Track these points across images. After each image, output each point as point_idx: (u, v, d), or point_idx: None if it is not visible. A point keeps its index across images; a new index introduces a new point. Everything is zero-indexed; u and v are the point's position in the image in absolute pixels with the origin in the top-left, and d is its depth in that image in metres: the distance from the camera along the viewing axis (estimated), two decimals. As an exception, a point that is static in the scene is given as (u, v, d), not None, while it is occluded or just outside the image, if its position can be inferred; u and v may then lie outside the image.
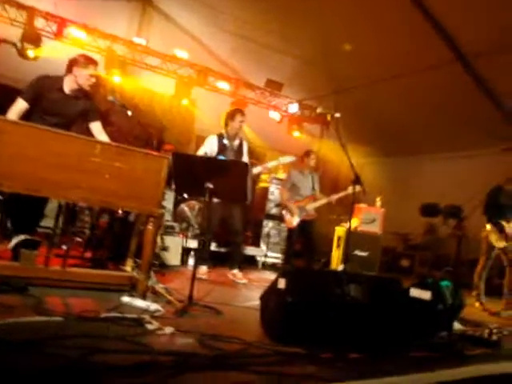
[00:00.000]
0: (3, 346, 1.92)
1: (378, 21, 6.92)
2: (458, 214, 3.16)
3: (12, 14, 7.08)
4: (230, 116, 5.24)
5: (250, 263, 7.14)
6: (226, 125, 5.23)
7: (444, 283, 3.51)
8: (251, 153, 5.57)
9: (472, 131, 8.28)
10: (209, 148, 5.14)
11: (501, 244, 5.73)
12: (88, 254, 4.46)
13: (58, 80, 3.79)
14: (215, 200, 4.90)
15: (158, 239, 5.15)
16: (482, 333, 3.50)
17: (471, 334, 3.52)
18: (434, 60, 7.22)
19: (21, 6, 7.10)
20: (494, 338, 3.41)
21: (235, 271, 5.19)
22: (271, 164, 5.28)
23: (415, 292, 3.39)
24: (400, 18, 6.67)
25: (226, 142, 5.19)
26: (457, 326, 3.78)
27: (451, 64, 7.12)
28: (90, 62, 3.81)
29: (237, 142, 5.27)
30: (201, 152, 5.16)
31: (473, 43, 6.73)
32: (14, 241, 3.42)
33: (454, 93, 7.67)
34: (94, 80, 3.82)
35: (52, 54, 7.10)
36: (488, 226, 5.85)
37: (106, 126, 7.66)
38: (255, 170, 5.30)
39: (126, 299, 3.08)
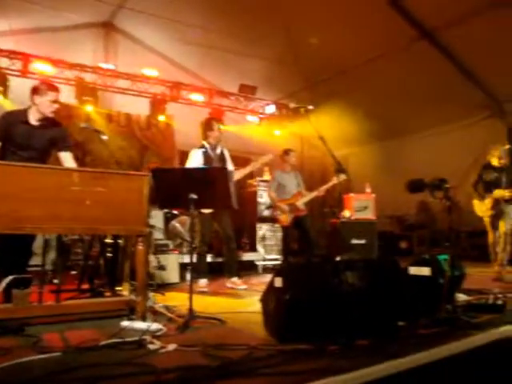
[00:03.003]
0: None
1: (340, 11, 6.97)
2: (443, 185, 3.15)
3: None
4: (207, 126, 5.23)
5: (250, 269, 7.10)
6: (206, 136, 5.21)
7: (441, 257, 3.50)
8: (236, 159, 5.56)
9: (450, 105, 8.32)
10: (195, 162, 5.10)
11: (487, 212, 5.97)
12: (85, 286, 4.39)
13: (22, 113, 3.73)
14: (205, 211, 4.90)
15: (153, 258, 5.10)
16: (487, 300, 3.48)
17: (476, 303, 3.50)
18: (401, 41, 7.26)
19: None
20: (499, 302, 3.39)
21: (234, 279, 5.15)
22: (253, 166, 5.24)
23: (415, 270, 3.37)
24: (360, 3, 6.70)
25: (209, 152, 5.16)
26: (461, 297, 3.77)
27: (418, 42, 7.17)
28: (48, 88, 3.72)
29: (219, 151, 5.25)
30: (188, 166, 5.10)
31: (434, 17, 6.79)
32: (4, 283, 3.35)
33: (426, 70, 7.70)
34: (56, 106, 3.74)
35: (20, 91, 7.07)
36: (474, 200, 6.15)
37: (85, 155, 7.62)
38: (239, 175, 5.28)
39: (125, 323, 3.03)
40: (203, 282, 5.01)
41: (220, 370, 2.10)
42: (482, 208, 6.06)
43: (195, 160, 5.11)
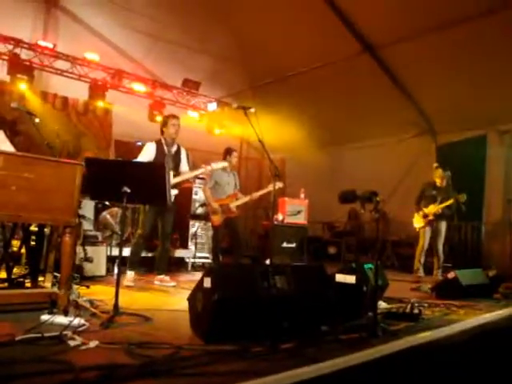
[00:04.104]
0: None
1: (289, 19, 7.11)
2: (374, 198, 3.29)
3: None
4: (163, 123, 5.23)
5: (179, 266, 7.04)
6: (162, 132, 5.18)
7: (367, 266, 3.66)
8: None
9: (386, 119, 8.70)
10: (147, 156, 5.01)
11: (421, 223, 6.66)
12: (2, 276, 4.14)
13: None
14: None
15: (80, 250, 4.92)
16: (405, 308, 3.68)
17: (395, 311, 3.69)
18: (343, 52, 7.49)
19: None
20: (416, 311, 3.60)
21: (162, 276, 5.10)
22: (207, 169, 5.16)
23: (340, 277, 3.50)
24: (309, 12, 6.86)
25: (164, 148, 5.09)
26: (383, 305, 3.96)
27: (361, 55, 7.44)
28: None
29: (174, 148, 5.19)
30: (139, 160, 4.96)
31: (377, 34, 7.08)
32: None
33: (367, 83, 8.00)
34: None
35: None
36: (415, 214, 6.79)
37: (15, 135, 7.20)
38: (190, 175, 5.25)
39: (45, 317, 2.90)
40: (131, 275, 4.90)
41: (142, 368, 2.07)
42: (419, 221, 6.68)
43: (147, 153, 5.03)
